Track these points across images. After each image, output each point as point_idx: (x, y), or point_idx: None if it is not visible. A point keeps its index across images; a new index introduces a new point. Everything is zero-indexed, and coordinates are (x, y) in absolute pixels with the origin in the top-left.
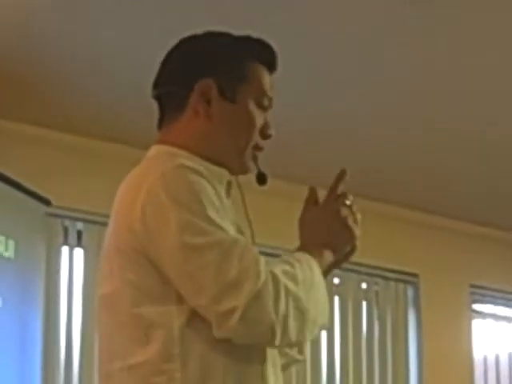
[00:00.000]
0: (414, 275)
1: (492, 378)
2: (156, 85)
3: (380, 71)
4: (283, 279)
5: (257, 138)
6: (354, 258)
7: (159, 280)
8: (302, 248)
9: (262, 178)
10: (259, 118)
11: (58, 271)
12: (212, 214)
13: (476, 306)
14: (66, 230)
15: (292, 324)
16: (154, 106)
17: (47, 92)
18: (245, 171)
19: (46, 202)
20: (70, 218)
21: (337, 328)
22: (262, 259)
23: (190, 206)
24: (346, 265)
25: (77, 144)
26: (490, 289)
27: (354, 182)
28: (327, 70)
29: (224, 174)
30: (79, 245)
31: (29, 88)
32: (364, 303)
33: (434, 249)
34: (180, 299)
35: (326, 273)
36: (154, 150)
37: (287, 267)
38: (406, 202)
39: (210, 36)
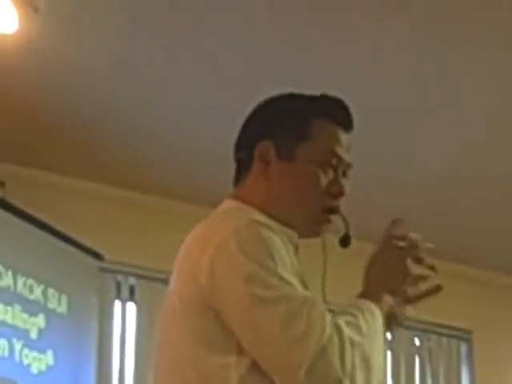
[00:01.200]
0: (468, 331)
1: None
2: (235, 148)
3: None
4: (347, 331)
5: (324, 198)
6: (408, 313)
7: (221, 331)
8: (364, 295)
9: (345, 241)
10: (324, 177)
11: (110, 326)
12: (282, 270)
13: None
14: (118, 284)
15: (359, 375)
16: (209, 163)
17: (102, 149)
18: (314, 235)
19: (99, 257)
20: (122, 272)
21: None
22: (328, 314)
23: (261, 261)
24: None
25: (130, 199)
26: None
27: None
28: None
29: (292, 234)
30: (132, 299)
31: (84, 145)
32: (417, 359)
33: (488, 305)
34: (240, 351)
35: (390, 316)
36: (226, 204)
37: (350, 318)
38: (459, 258)
39: (282, 97)
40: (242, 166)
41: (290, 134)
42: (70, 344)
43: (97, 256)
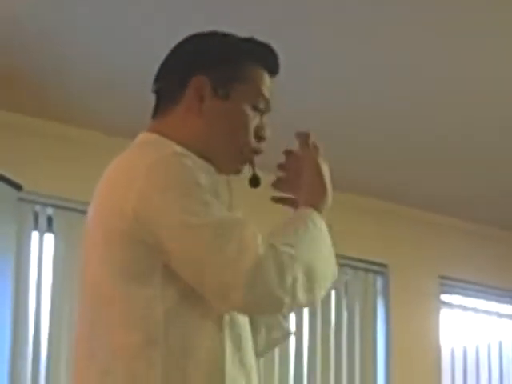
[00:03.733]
0: (384, 265)
1: (459, 369)
2: (156, 79)
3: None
4: (284, 248)
5: (251, 140)
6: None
7: (146, 264)
8: (300, 205)
9: (255, 181)
10: (253, 120)
11: (28, 256)
12: (209, 197)
13: (444, 297)
14: (36, 215)
15: (301, 289)
16: (128, 95)
17: (20, 78)
18: (235, 172)
19: (17, 187)
20: (40, 203)
21: (305, 317)
22: (260, 235)
23: (189, 189)
24: None
25: (49, 129)
26: (458, 280)
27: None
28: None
29: (211, 169)
30: (50, 230)
31: (1, 75)
32: (333, 293)
33: (404, 239)
34: (166, 284)
35: None
36: (145, 136)
37: (287, 231)
38: (376, 193)
39: (213, 35)
40: (165, 98)
41: (225, 72)
42: None
43: (15, 186)
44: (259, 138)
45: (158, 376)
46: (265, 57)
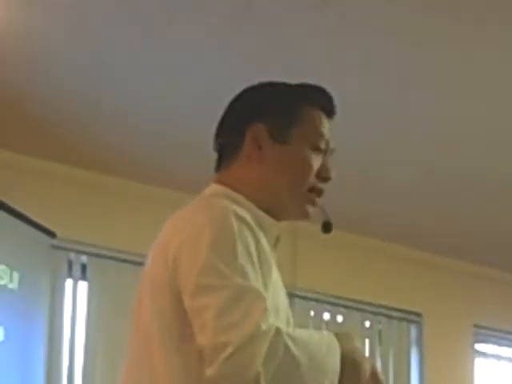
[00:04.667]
0: (418, 314)
1: None
2: (216, 136)
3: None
4: (287, 339)
5: (313, 181)
6: (358, 296)
7: (183, 315)
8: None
9: (327, 227)
10: (315, 161)
11: (61, 304)
12: (242, 261)
13: (479, 346)
14: (70, 262)
15: None
16: (164, 145)
17: (56, 126)
18: (303, 216)
19: (51, 234)
20: (74, 250)
21: None
22: (271, 315)
23: (222, 252)
24: (349, 303)
25: (84, 178)
26: (493, 329)
27: (362, 223)
28: None
29: (275, 226)
30: (83, 278)
31: (37, 122)
32: (367, 341)
33: (438, 288)
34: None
35: None
36: (211, 188)
37: (304, 333)
38: (411, 242)
39: (265, 84)
40: (227, 152)
41: (281, 116)
42: (21, 321)
43: (49, 233)
44: (323, 178)
45: None
46: (319, 98)
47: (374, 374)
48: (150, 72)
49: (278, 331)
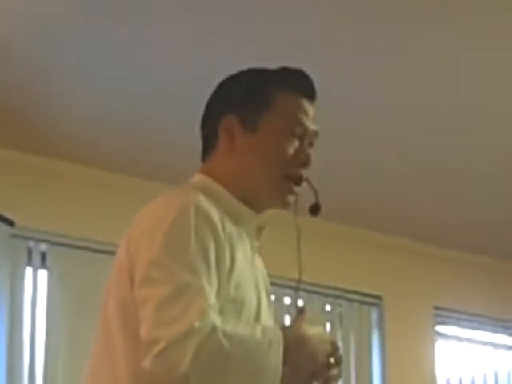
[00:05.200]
0: (378, 297)
1: None
2: (201, 126)
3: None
4: (222, 338)
5: (289, 167)
6: (319, 280)
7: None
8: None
9: (316, 209)
10: (289, 146)
11: (21, 292)
12: (194, 258)
13: (440, 328)
14: (30, 251)
15: (200, 379)
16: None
17: (13, 115)
18: (282, 205)
19: (10, 223)
20: (34, 239)
21: None
22: (211, 312)
23: (173, 247)
24: (310, 287)
25: (41, 166)
26: (453, 310)
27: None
28: None
29: (252, 216)
30: (43, 266)
31: None
32: (328, 325)
33: (398, 271)
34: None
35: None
36: (194, 178)
37: (245, 330)
38: (370, 225)
39: (241, 73)
40: (209, 143)
41: (252, 105)
42: None
43: (8, 222)
44: (300, 164)
45: None
46: (296, 82)
47: (330, 351)
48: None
49: (212, 329)
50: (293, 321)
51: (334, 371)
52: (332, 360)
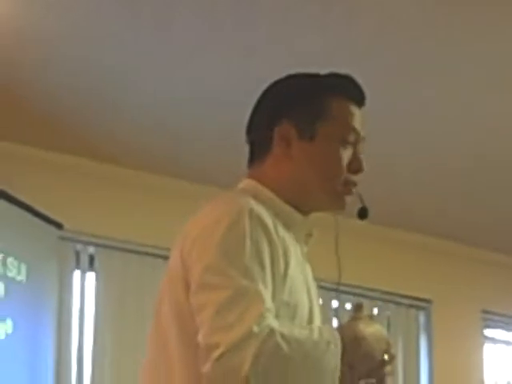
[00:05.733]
0: (427, 301)
1: None
2: (248, 131)
3: None
4: (281, 341)
5: (345, 173)
6: (366, 284)
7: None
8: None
9: (363, 213)
10: (344, 154)
11: (70, 295)
12: (250, 263)
13: (487, 332)
14: (77, 253)
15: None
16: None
17: (62, 119)
18: (340, 207)
19: (59, 226)
20: (82, 242)
21: None
22: (269, 316)
23: (229, 252)
24: (359, 290)
25: (90, 169)
26: (501, 314)
27: (373, 211)
28: None
29: (302, 222)
30: (91, 269)
31: (44, 115)
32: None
33: (447, 275)
34: None
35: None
36: (244, 183)
37: (303, 332)
38: (419, 229)
39: (290, 78)
40: (258, 147)
41: (307, 113)
42: (29, 312)
43: (56, 224)
44: (354, 171)
45: None
46: (346, 88)
47: (385, 348)
48: (150, 65)
49: (271, 332)
50: (349, 319)
51: (389, 368)
52: (386, 357)
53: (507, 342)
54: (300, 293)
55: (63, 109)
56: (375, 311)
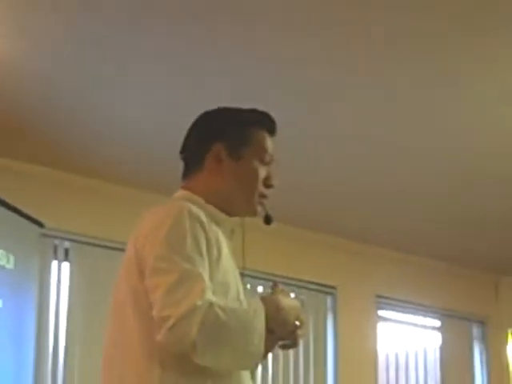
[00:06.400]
0: (332, 287)
1: (392, 371)
2: (182, 150)
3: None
4: (219, 311)
5: (261, 188)
6: (286, 273)
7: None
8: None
9: (268, 220)
10: (261, 172)
11: (48, 281)
12: (191, 252)
13: (380, 312)
14: (55, 247)
15: (211, 348)
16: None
17: (43, 134)
18: (253, 214)
19: (40, 225)
20: (59, 237)
21: None
22: (208, 293)
23: (174, 245)
24: (279, 278)
25: (66, 179)
26: (391, 298)
27: (283, 212)
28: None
29: (229, 221)
30: (66, 260)
31: (26, 131)
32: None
33: (348, 266)
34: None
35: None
36: (179, 193)
37: (235, 304)
38: (328, 229)
39: (222, 110)
40: (191, 164)
41: (237, 139)
42: (16, 293)
43: (38, 224)
44: (267, 185)
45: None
46: (265, 122)
47: (297, 315)
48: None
49: (210, 305)
50: (270, 293)
51: (301, 331)
52: (298, 323)
53: (396, 321)
54: (230, 275)
55: (44, 125)
56: (292, 295)
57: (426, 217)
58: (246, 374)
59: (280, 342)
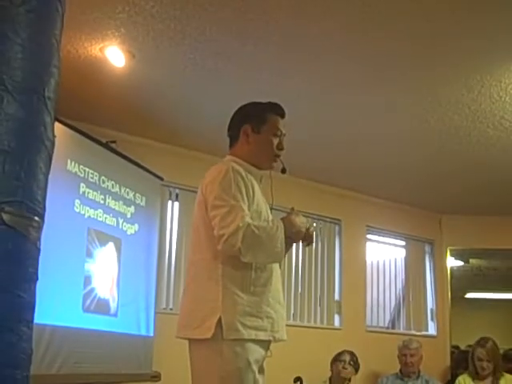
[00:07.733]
0: (339, 220)
1: (375, 273)
2: (228, 129)
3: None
4: (254, 228)
5: (275, 151)
6: (307, 210)
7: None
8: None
9: (283, 171)
10: (275, 141)
11: (165, 214)
12: (235, 193)
13: (369, 236)
14: (170, 192)
15: (251, 252)
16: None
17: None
18: (271, 167)
19: (161, 178)
20: (172, 186)
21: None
22: (247, 218)
23: (224, 189)
24: (302, 213)
25: (177, 151)
26: (377, 228)
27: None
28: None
29: (258, 172)
30: (177, 200)
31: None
32: (314, 234)
33: (349, 206)
34: None
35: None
36: (227, 157)
37: (264, 223)
38: (335, 181)
39: (249, 104)
40: (232, 139)
41: (258, 121)
42: (146, 222)
43: (160, 178)
44: (279, 149)
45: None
46: (277, 110)
47: (308, 230)
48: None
49: (248, 225)
50: (287, 214)
51: (310, 235)
52: (306, 230)
53: (378, 241)
54: (262, 205)
55: (163, 109)
56: (314, 225)
57: (400, 176)
58: (276, 266)
59: (304, 243)
